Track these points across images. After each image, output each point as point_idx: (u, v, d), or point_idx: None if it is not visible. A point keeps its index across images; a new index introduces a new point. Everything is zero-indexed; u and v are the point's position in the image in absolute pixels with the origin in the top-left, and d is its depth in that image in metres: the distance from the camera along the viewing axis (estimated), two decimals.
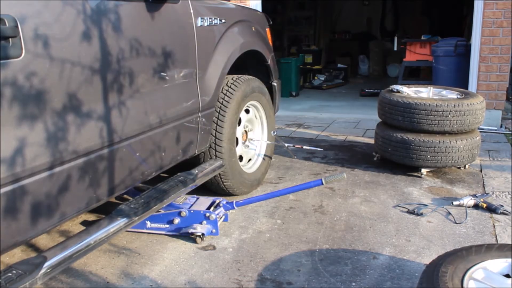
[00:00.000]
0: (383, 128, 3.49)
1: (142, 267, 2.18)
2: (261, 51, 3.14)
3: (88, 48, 1.72)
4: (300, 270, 2.13)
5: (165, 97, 2.19)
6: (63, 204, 1.66)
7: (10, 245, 1.51)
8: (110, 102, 1.84)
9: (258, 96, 3.08)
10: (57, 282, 2.06)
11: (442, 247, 2.27)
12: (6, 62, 1.40)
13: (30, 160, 1.49)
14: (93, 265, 2.20)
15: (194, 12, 2.38)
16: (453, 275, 1.59)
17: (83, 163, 1.72)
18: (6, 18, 1.38)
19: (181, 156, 2.39)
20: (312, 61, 8.88)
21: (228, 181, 2.81)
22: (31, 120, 1.51)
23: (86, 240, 1.80)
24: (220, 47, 2.63)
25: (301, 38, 10.19)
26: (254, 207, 2.83)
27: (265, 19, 3.40)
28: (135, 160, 2.02)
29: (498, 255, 1.72)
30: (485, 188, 3.07)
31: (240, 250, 2.32)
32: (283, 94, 6.76)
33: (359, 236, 2.44)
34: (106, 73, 1.80)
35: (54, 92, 1.58)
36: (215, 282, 2.05)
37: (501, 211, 2.64)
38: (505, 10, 4.52)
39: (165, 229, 2.46)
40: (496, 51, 4.64)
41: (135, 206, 2.06)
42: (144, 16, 2.04)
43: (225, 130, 2.69)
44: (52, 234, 2.51)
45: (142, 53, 2.00)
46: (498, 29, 4.59)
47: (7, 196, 1.43)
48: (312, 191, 3.08)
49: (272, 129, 3.30)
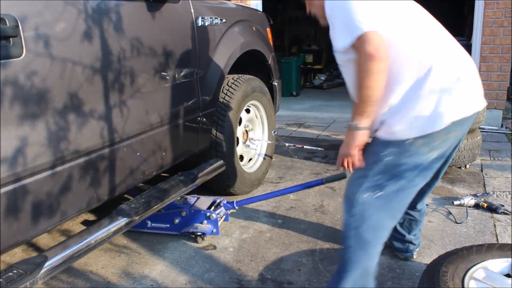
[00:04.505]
0: None
1: (143, 267, 2.18)
2: (262, 51, 3.14)
3: (88, 48, 1.72)
4: (301, 269, 2.13)
5: (166, 97, 2.19)
6: (64, 204, 1.66)
7: (11, 245, 1.51)
8: (111, 102, 1.84)
9: (259, 96, 3.08)
10: (58, 281, 2.06)
11: (443, 247, 2.27)
12: (6, 62, 1.40)
13: (31, 159, 1.50)
14: (93, 264, 2.20)
15: (194, 11, 2.38)
16: (453, 274, 1.59)
17: (84, 163, 1.72)
18: (7, 18, 1.38)
19: (181, 156, 2.39)
20: (313, 60, 8.89)
21: (229, 181, 2.81)
22: (32, 119, 1.51)
23: (86, 240, 1.79)
24: (221, 46, 2.63)
25: (302, 38, 10.19)
26: (254, 207, 2.83)
27: (265, 19, 3.40)
28: (136, 159, 2.02)
29: (499, 254, 1.72)
30: (486, 188, 3.07)
31: (240, 250, 2.32)
32: (284, 94, 6.75)
33: None
34: (106, 73, 1.80)
35: (54, 92, 1.58)
36: (215, 281, 2.05)
37: (502, 210, 2.64)
38: (506, 10, 4.51)
39: (165, 229, 2.46)
40: (497, 51, 4.63)
41: (135, 205, 2.06)
42: (145, 16, 2.04)
43: (225, 129, 2.69)
44: (53, 233, 2.51)
45: (143, 53, 2.00)
46: (499, 29, 4.58)
47: (8, 195, 1.44)
48: (312, 190, 3.08)
49: (272, 129, 3.29)
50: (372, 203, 1.56)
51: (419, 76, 1.48)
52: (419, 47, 1.51)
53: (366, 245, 1.59)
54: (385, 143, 1.54)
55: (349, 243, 1.60)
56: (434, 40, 1.56)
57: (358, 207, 1.57)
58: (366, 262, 1.61)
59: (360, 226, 1.57)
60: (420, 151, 1.52)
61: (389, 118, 1.54)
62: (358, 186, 1.57)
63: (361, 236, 1.58)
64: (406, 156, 1.52)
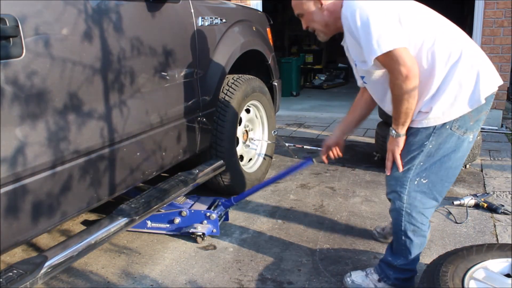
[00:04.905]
0: (384, 128, 3.48)
1: (143, 267, 2.18)
2: (262, 51, 3.14)
3: (88, 48, 1.72)
4: (301, 269, 2.13)
5: (166, 97, 2.19)
6: (64, 204, 1.66)
7: (11, 245, 1.51)
8: (111, 102, 1.84)
9: (259, 96, 3.08)
10: (58, 281, 2.06)
11: (443, 247, 2.27)
12: (7, 62, 1.40)
13: (31, 159, 1.50)
14: (93, 264, 2.20)
15: (194, 11, 2.38)
16: (453, 274, 1.59)
17: (84, 163, 1.72)
18: (7, 18, 1.38)
19: (181, 156, 2.39)
20: (313, 60, 8.89)
21: (229, 181, 2.81)
22: (32, 119, 1.51)
23: (87, 240, 1.80)
24: (221, 46, 2.63)
25: (302, 38, 10.19)
26: (254, 207, 2.84)
27: (265, 19, 3.40)
28: (136, 159, 2.02)
29: (499, 254, 1.72)
30: (486, 188, 3.07)
31: (240, 250, 2.32)
32: (284, 94, 6.76)
33: (359, 236, 2.44)
34: (106, 73, 1.80)
35: (55, 92, 1.58)
36: (215, 281, 2.05)
37: (502, 210, 2.64)
38: (506, 10, 4.51)
39: (165, 229, 2.46)
40: (497, 51, 4.63)
41: (135, 205, 2.06)
42: (145, 16, 2.04)
43: (225, 129, 2.69)
44: (53, 233, 2.51)
45: (143, 53, 2.00)
46: (499, 29, 4.58)
47: (8, 195, 1.44)
48: (312, 190, 3.09)
49: (272, 129, 3.30)
50: (421, 188, 1.74)
51: (451, 64, 1.61)
52: (447, 40, 1.63)
53: (418, 228, 1.79)
54: (426, 130, 1.68)
55: (403, 227, 1.80)
56: (453, 30, 1.70)
57: (409, 194, 1.74)
58: (417, 242, 1.82)
59: (412, 210, 1.76)
60: (458, 133, 1.67)
61: (428, 107, 1.65)
62: (407, 175, 1.74)
63: (412, 218, 1.77)
64: (448, 139, 1.67)
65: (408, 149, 1.72)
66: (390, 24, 1.54)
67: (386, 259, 1.90)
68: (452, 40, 1.64)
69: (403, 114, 1.64)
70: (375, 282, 1.91)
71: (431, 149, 1.69)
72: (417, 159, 1.71)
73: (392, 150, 1.75)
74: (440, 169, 1.71)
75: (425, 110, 1.65)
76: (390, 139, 1.75)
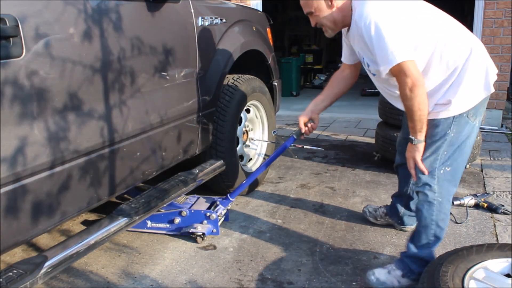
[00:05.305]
0: (384, 128, 3.48)
1: (143, 267, 2.18)
2: (262, 51, 3.14)
3: (88, 48, 1.72)
4: (301, 269, 2.13)
5: (166, 97, 2.19)
6: (64, 204, 1.66)
7: (11, 245, 1.51)
8: (111, 102, 1.84)
9: (259, 96, 3.08)
10: (58, 281, 2.06)
11: (443, 247, 2.27)
12: (6, 62, 1.40)
13: (31, 159, 1.50)
14: (93, 264, 2.20)
15: (194, 11, 2.38)
16: (453, 274, 1.59)
17: (84, 163, 1.72)
18: (6, 18, 1.38)
19: (181, 156, 2.39)
20: (313, 60, 8.89)
21: (229, 181, 2.81)
22: (32, 119, 1.51)
23: (86, 240, 1.80)
24: (221, 46, 2.63)
25: (302, 38, 10.19)
26: (254, 207, 2.84)
27: (265, 19, 3.40)
28: (136, 159, 2.02)
29: (499, 254, 1.72)
30: (486, 188, 3.06)
31: (240, 250, 2.32)
32: (284, 94, 6.76)
33: (359, 236, 2.44)
34: (106, 73, 1.80)
35: (54, 92, 1.58)
36: (215, 281, 2.05)
37: (502, 210, 2.64)
38: (506, 10, 4.51)
39: (165, 229, 2.46)
40: (497, 51, 4.63)
41: (135, 205, 2.06)
42: (145, 16, 2.04)
43: (225, 129, 2.69)
44: (53, 233, 2.51)
45: (143, 53, 2.00)
46: (499, 29, 4.58)
47: (8, 195, 1.44)
48: (312, 190, 3.09)
49: (272, 129, 3.29)
50: (446, 176, 1.85)
51: (465, 58, 1.74)
52: (459, 38, 1.77)
53: (446, 216, 1.91)
54: (446, 121, 1.78)
55: (435, 217, 1.88)
56: (461, 27, 1.82)
57: (439, 183, 1.85)
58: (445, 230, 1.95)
59: (443, 199, 1.87)
60: (472, 120, 1.81)
61: (445, 99, 1.77)
62: (434, 165, 1.83)
63: (442, 206, 1.88)
64: (465, 127, 1.80)
65: (432, 140, 1.81)
66: (403, 37, 1.65)
67: (411, 253, 1.94)
68: (462, 37, 1.78)
69: (418, 122, 1.74)
70: (398, 278, 1.93)
71: (452, 138, 1.80)
72: (441, 148, 1.81)
73: (413, 157, 1.85)
74: (460, 155, 1.84)
75: (443, 102, 1.77)
76: (409, 147, 1.84)
